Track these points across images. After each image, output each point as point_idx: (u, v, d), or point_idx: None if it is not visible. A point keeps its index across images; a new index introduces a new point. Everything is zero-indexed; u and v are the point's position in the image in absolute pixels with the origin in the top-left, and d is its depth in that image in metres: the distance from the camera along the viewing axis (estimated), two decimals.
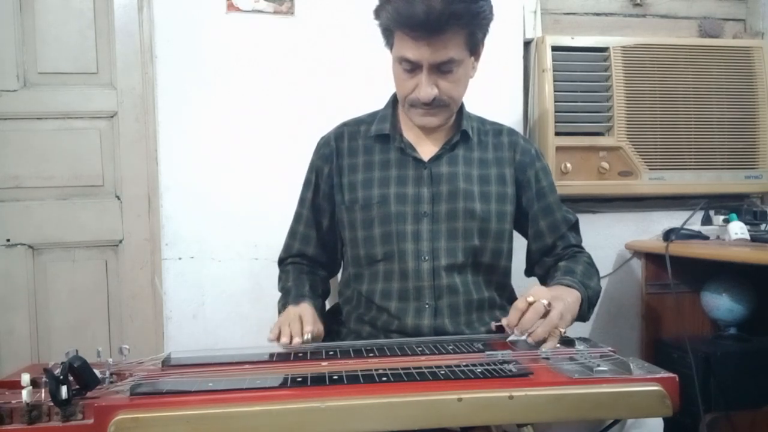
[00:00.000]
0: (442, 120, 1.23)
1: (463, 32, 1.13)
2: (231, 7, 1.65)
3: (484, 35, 1.20)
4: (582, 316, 1.12)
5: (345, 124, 1.35)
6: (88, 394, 0.80)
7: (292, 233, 1.37)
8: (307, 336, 1.06)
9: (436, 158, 1.26)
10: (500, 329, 1.05)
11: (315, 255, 1.35)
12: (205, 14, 1.64)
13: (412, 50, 1.13)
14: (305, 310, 1.17)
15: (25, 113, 1.62)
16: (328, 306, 1.46)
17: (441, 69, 1.15)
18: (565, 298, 1.05)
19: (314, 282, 1.32)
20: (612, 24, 1.93)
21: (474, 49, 1.19)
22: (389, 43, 1.21)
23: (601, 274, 1.38)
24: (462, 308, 1.22)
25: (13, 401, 0.78)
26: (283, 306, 1.25)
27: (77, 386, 0.80)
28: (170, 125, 1.64)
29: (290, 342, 1.06)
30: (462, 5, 1.09)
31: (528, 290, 1.04)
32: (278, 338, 1.08)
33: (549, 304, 0.99)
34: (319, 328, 1.14)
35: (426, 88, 1.16)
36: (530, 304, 0.99)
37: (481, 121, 1.35)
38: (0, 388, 0.85)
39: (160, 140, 1.64)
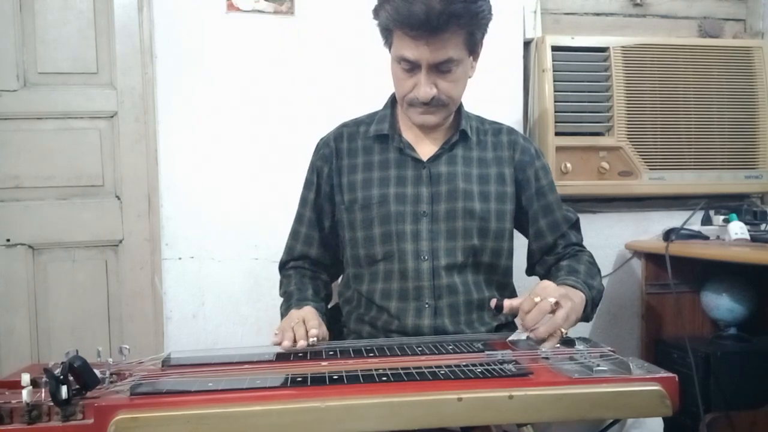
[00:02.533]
0: (441, 119, 1.23)
1: (462, 32, 1.13)
2: (231, 7, 1.65)
3: (483, 35, 1.20)
4: (585, 316, 1.12)
5: (344, 125, 1.35)
6: (88, 394, 0.80)
7: (295, 234, 1.35)
8: (313, 339, 1.05)
9: (435, 158, 1.26)
10: (499, 308, 1.05)
11: (318, 256, 1.33)
12: (205, 14, 1.64)
13: (411, 50, 1.13)
14: (309, 313, 1.15)
15: (25, 113, 1.62)
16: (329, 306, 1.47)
17: (440, 68, 1.15)
18: (573, 298, 1.05)
19: (317, 286, 1.31)
20: (612, 24, 1.93)
21: (473, 48, 1.19)
22: (388, 42, 1.21)
23: (602, 274, 1.38)
24: (462, 308, 1.22)
25: (13, 401, 0.77)
26: (286, 310, 1.23)
27: (77, 386, 0.79)
28: (170, 125, 1.64)
29: (294, 345, 1.04)
30: (461, 5, 1.09)
31: (536, 287, 1.03)
32: (282, 341, 1.06)
33: (557, 303, 0.99)
34: (324, 331, 1.13)
35: (425, 88, 1.16)
36: (536, 303, 0.98)
37: (480, 120, 1.35)
38: (0, 388, 0.85)
39: (160, 140, 1.64)
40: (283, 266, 1.36)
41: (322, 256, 1.34)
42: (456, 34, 1.13)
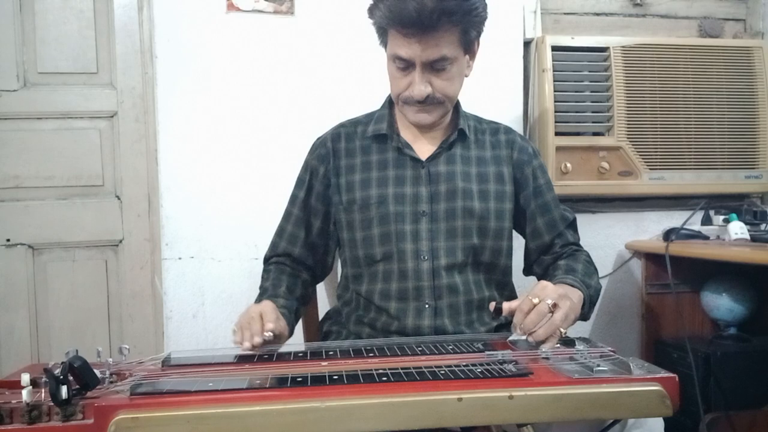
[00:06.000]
0: (437, 117, 1.23)
1: (456, 30, 1.13)
2: (231, 7, 1.65)
3: (479, 34, 1.20)
4: (583, 315, 1.11)
5: (342, 125, 1.35)
6: (88, 394, 0.80)
7: (280, 231, 1.34)
8: (268, 334, 1.00)
9: (434, 157, 1.26)
10: (498, 311, 1.04)
11: (300, 256, 1.31)
12: (205, 14, 1.64)
13: (404, 48, 1.13)
14: (265, 307, 1.09)
15: (25, 113, 1.62)
16: (328, 307, 1.47)
17: (434, 67, 1.15)
18: (571, 297, 1.04)
19: (293, 283, 1.28)
20: (612, 24, 1.93)
21: (468, 47, 1.19)
22: (383, 41, 1.21)
23: (601, 274, 1.38)
24: (462, 308, 1.21)
25: (13, 401, 0.77)
26: None
27: (77, 386, 0.79)
28: (170, 125, 1.64)
29: (251, 345, 0.99)
30: (454, 2, 1.09)
31: (535, 287, 1.02)
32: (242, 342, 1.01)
33: (555, 305, 0.98)
34: (283, 325, 1.08)
35: (419, 86, 1.16)
36: (535, 305, 0.98)
37: (478, 119, 1.35)
38: (0, 388, 0.85)
39: (160, 140, 1.64)
40: (266, 261, 1.35)
41: (305, 256, 1.32)
42: (449, 32, 1.12)
